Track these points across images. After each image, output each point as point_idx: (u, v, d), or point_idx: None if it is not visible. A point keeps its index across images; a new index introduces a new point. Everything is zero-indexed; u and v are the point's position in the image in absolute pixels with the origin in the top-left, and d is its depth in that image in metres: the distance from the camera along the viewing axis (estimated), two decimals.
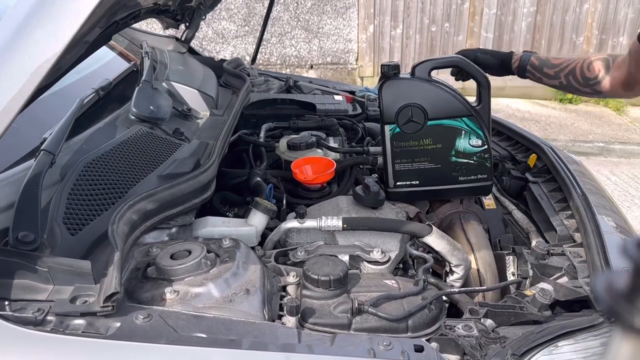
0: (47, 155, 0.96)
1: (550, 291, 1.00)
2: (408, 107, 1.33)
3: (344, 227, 1.13)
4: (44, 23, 0.76)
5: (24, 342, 0.73)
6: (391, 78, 1.34)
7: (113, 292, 0.76)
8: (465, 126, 1.34)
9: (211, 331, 0.78)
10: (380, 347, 0.79)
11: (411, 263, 1.23)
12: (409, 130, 1.35)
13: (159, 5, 1.54)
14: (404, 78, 1.35)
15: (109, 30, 1.21)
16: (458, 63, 1.38)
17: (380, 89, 1.34)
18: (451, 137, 1.35)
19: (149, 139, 1.31)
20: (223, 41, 5.80)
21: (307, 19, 5.83)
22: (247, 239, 1.12)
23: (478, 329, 0.90)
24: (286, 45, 5.91)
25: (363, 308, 0.90)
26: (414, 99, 1.32)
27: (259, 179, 1.34)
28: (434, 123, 1.34)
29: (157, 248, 0.98)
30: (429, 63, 1.35)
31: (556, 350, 0.85)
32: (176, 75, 1.73)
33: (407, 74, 1.37)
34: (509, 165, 1.67)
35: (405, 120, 1.34)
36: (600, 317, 0.91)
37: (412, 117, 1.34)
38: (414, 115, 1.33)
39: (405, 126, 1.34)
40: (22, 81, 0.76)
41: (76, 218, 0.96)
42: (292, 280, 0.99)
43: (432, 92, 1.33)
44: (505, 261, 1.27)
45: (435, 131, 1.34)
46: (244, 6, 5.69)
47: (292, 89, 2.22)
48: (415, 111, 1.33)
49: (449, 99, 1.33)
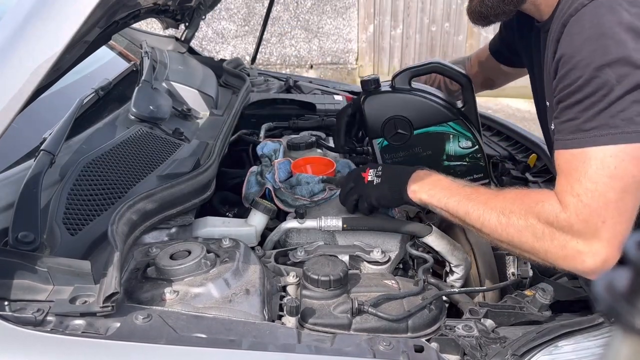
0: (46, 155, 0.96)
1: (550, 291, 1.00)
2: (392, 120, 1.34)
3: (344, 227, 1.13)
4: (44, 23, 0.76)
5: (24, 342, 0.73)
6: (372, 93, 1.34)
7: (113, 293, 0.76)
8: (452, 130, 1.35)
9: (211, 331, 0.78)
10: (380, 348, 0.79)
11: (411, 263, 1.23)
12: (397, 142, 1.35)
13: (159, 5, 1.54)
14: (385, 91, 1.35)
15: (108, 30, 1.21)
16: (436, 68, 1.38)
17: (362, 105, 1.34)
18: (440, 142, 1.36)
19: (149, 139, 1.31)
20: (223, 41, 5.80)
21: (307, 18, 5.83)
22: (247, 239, 1.12)
23: (478, 329, 0.90)
24: (286, 45, 5.91)
25: (363, 308, 0.90)
26: (397, 111, 1.33)
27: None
28: (420, 131, 1.34)
29: (156, 248, 0.98)
30: (408, 72, 1.35)
31: (556, 350, 0.85)
32: (176, 75, 1.73)
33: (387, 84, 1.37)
34: (509, 165, 1.67)
35: (392, 133, 1.34)
36: (600, 317, 0.91)
37: (397, 129, 1.34)
38: (400, 126, 1.34)
39: (392, 138, 1.35)
40: (22, 81, 0.76)
41: (76, 218, 0.96)
42: (292, 281, 0.99)
43: (414, 102, 1.34)
44: (505, 261, 1.27)
45: (423, 139, 1.35)
46: (244, 6, 5.69)
47: (292, 89, 2.22)
48: (400, 123, 1.34)
49: (432, 106, 1.34)
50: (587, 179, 0.87)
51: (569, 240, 0.90)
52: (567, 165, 0.92)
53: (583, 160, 0.88)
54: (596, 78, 0.84)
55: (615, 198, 0.86)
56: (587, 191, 0.88)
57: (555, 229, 0.91)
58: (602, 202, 0.87)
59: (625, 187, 0.86)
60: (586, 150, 0.87)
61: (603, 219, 0.87)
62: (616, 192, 0.86)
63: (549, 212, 0.92)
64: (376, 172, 1.14)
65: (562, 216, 0.91)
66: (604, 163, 0.86)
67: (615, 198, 0.87)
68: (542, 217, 0.93)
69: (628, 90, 0.83)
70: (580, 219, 0.88)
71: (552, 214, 0.92)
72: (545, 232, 0.92)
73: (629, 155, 0.85)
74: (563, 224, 0.91)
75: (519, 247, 0.97)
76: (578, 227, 0.89)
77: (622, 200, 0.87)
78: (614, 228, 0.88)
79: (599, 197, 0.87)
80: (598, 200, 0.87)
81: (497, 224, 0.97)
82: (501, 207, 0.98)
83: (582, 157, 0.88)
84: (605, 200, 0.87)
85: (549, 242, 0.92)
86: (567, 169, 0.92)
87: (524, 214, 0.95)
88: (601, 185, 0.86)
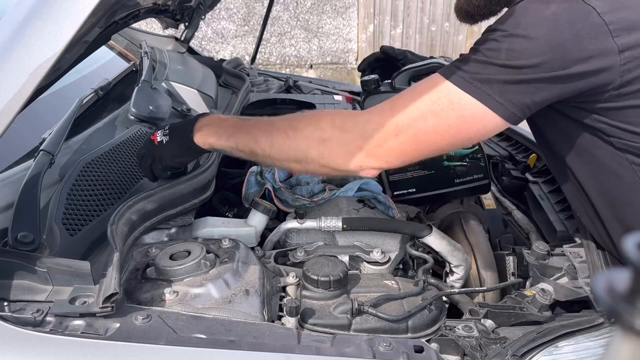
0: (46, 156, 0.96)
1: (550, 292, 1.00)
2: None
3: (344, 228, 1.13)
4: (44, 23, 0.76)
5: (23, 343, 0.73)
6: (372, 92, 1.34)
7: (112, 293, 0.76)
8: None
9: (210, 332, 0.78)
10: (380, 348, 0.78)
11: (411, 263, 1.23)
12: None
13: (159, 5, 1.54)
14: (385, 91, 1.35)
15: (108, 30, 1.20)
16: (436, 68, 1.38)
17: (363, 105, 1.34)
18: None
19: None
20: (222, 41, 5.80)
21: (306, 18, 5.83)
22: (247, 240, 1.12)
23: (478, 329, 0.90)
24: (286, 45, 5.91)
25: (363, 309, 0.89)
26: None
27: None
28: None
29: (156, 248, 0.98)
30: (408, 72, 1.35)
31: (556, 350, 0.85)
32: (175, 75, 1.73)
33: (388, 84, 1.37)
34: (509, 165, 1.67)
35: None
36: (601, 317, 0.91)
37: None
38: None
39: None
40: (21, 81, 0.76)
41: (75, 218, 0.95)
42: (291, 281, 0.99)
43: None
44: (505, 261, 1.27)
45: None
46: (244, 6, 5.69)
47: (291, 88, 2.22)
48: None
49: None
50: (415, 103, 0.89)
51: (355, 138, 0.92)
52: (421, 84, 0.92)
53: (430, 87, 0.89)
54: (495, 41, 0.85)
55: (422, 128, 0.88)
56: (403, 106, 0.89)
57: (345, 130, 0.93)
58: (408, 122, 0.88)
59: (435, 127, 0.88)
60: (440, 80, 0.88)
61: (397, 132, 0.89)
62: (427, 124, 0.88)
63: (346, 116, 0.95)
64: (164, 131, 1.10)
65: (363, 117, 0.93)
66: (440, 100, 0.87)
67: (423, 129, 0.88)
68: (337, 121, 0.94)
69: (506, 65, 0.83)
70: (379, 122, 0.90)
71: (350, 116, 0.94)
72: (335, 134, 0.93)
73: (461, 108, 0.86)
74: (359, 120, 0.93)
75: (306, 156, 0.96)
76: (371, 127, 0.91)
77: (425, 134, 0.88)
78: (401, 145, 0.90)
79: (409, 118, 0.88)
80: (406, 119, 0.88)
81: (284, 138, 0.96)
82: (289, 123, 0.99)
83: (433, 85, 0.89)
84: (412, 123, 0.88)
85: (335, 144, 0.93)
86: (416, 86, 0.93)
87: (313, 123, 0.96)
88: (419, 112, 0.88)
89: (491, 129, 0.89)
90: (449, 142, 0.90)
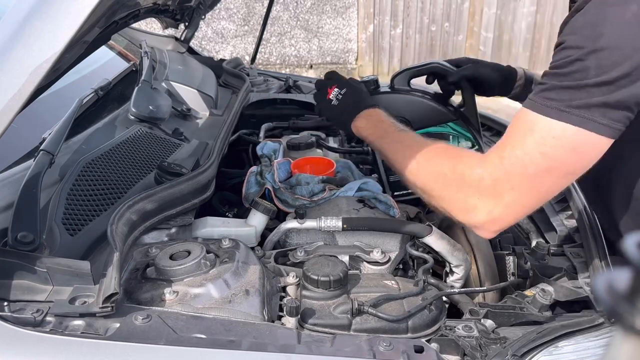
0: (46, 155, 0.96)
1: (550, 292, 1.00)
2: None
3: (344, 228, 1.13)
4: (44, 23, 0.76)
5: (23, 343, 0.73)
6: (371, 93, 1.34)
7: (112, 293, 0.76)
8: (452, 131, 1.35)
9: (210, 332, 0.78)
10: (380, 348, 0.78)
11: (411, 263, 1.22)
12: None
13: (159, 5, 1.54)
14: (384, 92, 1.35)
15: (108, 30, 1.20)
16: (436, 69, 1.38)
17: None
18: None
19: (148, 139, 1.31)
20: (222, 41, 5.80)
21: (306, 18, 5.83)
22: (247, 240, 1.12)
23: (478, 329, 0.90)
24: (286, 45, 5.91)
25: (363, 309, 0.89)
26: (397, 112, 1.32)
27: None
28: (420, 132, 1.34)
29: (156, 248, 0.97)
30: (408, 73, 1.35)
31: (556, 350, 0.85)
32: (175, 75, 1.73)
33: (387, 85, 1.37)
34: None
35: None
36: (601, 317, 0.91)
37: None
38: None
39: None
40: (21, 81, 0.76)
41: (75, 218, 0.95)
42: (291, 281, 0.99)
43: (413, 103, 1.34)
44: (505, 261, 1.27)
45: None
46: (244, 6, 5.69)
47: (291, 88, 2.22)
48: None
49: (431, 107, 1.33)
50: (521, 148, 0.88)
51: (472, 194, 0.93)
52: (515, 124, 0.92)
53: (529, 127, 0.88)
54: (580, 61, 0.83)
55: (534, 173, 0.87)
56: (512, 156, 0.89)
57: (464, 182, 0.94)
58: (520, 172, 0.88)
59: (550, 169, 0.87)
60: (536, 117, 0.87)
61: (513, 185, 0.89)
62: (538, 169, 0.87)
63: (466, 165, 0.95)
64: (339, 93, 1.22)
65: (477, 171, 0.93)
66: (544, 140, 0.86)
67: (535, 174, 0.87)
68: (458, 168, 0.95)
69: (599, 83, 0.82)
70: (492, 177, 0.90)
71: (468, 166, 0.94)
72: (456, 182, 0.95)
73: (568, 140, 0.85)
74: (475, 177, 0.93)
75: (429, 192, 1.01)
76: (486, 184, 0.91)
77: (541, 178, 0.88)
78: (519, 198, 0.90)
79: (520, 167, 0.88)
80: (518, 168, 0.88)
81: (416, 166, 1.02)
82: (425, 152, 1.02)
83: (530, 124, 0.88)
84: (524, 171, 0.88)
85: (454, 192, 0.95)
86: (512, 129, 0.93)
87: (442, 161, 0.99)
88: (529, 158, 0.87)
89: (603, 150, 0.87)
90: (567, 178, 0.90)
